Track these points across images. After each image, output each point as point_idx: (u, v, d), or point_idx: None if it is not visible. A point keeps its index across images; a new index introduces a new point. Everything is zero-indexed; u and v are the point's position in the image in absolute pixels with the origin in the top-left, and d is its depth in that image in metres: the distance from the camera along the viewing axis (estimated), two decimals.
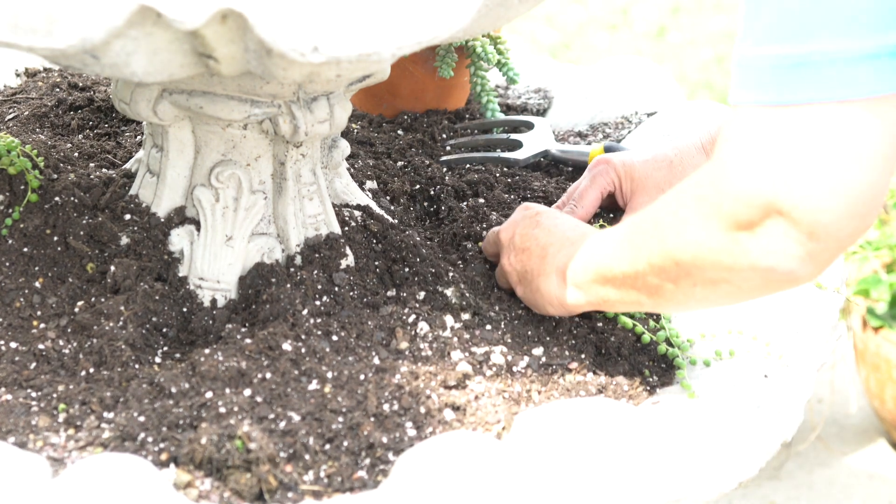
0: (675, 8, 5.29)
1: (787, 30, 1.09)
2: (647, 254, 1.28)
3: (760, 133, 1.12)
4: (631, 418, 1.24)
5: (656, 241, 1.26)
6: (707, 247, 1.19)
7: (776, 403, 1.37)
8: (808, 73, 1.08)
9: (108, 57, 1.22)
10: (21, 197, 1.58)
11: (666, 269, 1.26)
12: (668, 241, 1.24)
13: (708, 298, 1.27)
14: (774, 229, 1.13)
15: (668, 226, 1.24)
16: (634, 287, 1.32)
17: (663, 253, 1.25)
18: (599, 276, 1.37)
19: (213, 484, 1.23)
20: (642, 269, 1.29)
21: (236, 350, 1.39)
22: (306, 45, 1.17)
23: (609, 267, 1.35)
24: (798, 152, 1.10)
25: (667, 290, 1.28)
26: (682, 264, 1.23)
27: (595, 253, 1.38)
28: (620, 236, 1.34)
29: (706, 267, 1.21)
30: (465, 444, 1.17)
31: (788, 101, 1.10)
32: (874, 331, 2.69)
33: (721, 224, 1.17)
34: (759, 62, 1.12)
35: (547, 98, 2.20)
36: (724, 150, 1.16)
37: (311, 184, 1.55)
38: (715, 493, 1.28)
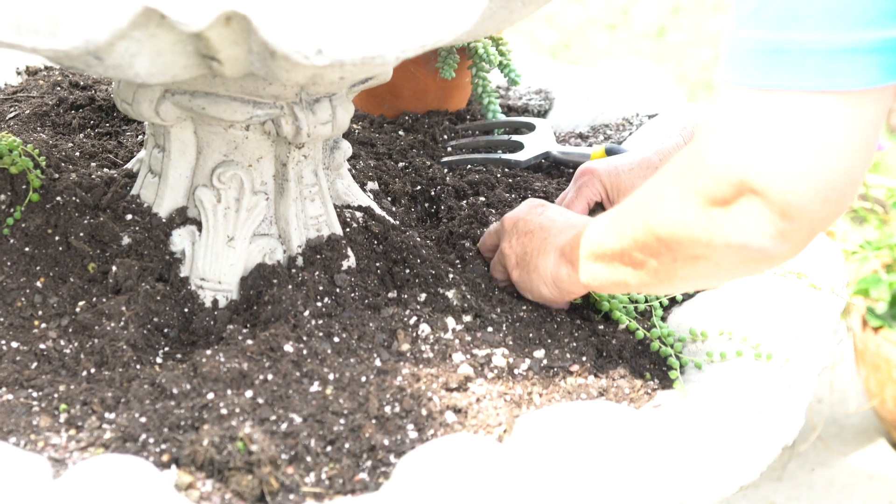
0: (675, 8, 5.29)
1: (770, 15, 1.11)
2: (631, 230, 1.31)
3: (738, 113, 1.15)
4: (632, 421, 1.24)
5: (640, 217, 1.29)
6: (683, 222, 1.22)
7: (777, 407, 1.37)
8: (788, 60, 1.11)
9: (111, 58, 1.22)
10: (22, 196, 1.58)
11: (648, 244, 1.29)
12: (649, 217, 1.27)
13: (690, 276, 1.30)
14: (747, 207, 1.16)
15: (650, 202, 1.27)
16: (622, 262, 1.35)
17: (646, 228, 1.28)
18: (590, 253, 1.40)
19: (215, 485, 1.23)
20: (628, 244, 1.32)
21: (238, 351, 1.39)
22: (310, 48, 1.17)
23: (599, 243, 1.38)
24: (773, 135, 1.12)
25: (650, 265, 1.31)
26: (662, 239, 1.26)
27: (589, 232, 1.41)
28: (612, 215, 1.38)
29: (684, 242, 1.24)
30: (467, 446, 1.17)
31: (767, 86, 1.12)
32: (874, 331, 2.69)
33: (697, 200, 1.20)
34: (743, 44, 1.14)
35: (548, 99, 2.20)
36: (704, 128, 1.19)
37: (312, 185, 1.55)
38: (716, 496, 1.28)
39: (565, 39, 4.89)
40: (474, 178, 1.86)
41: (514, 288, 1.57)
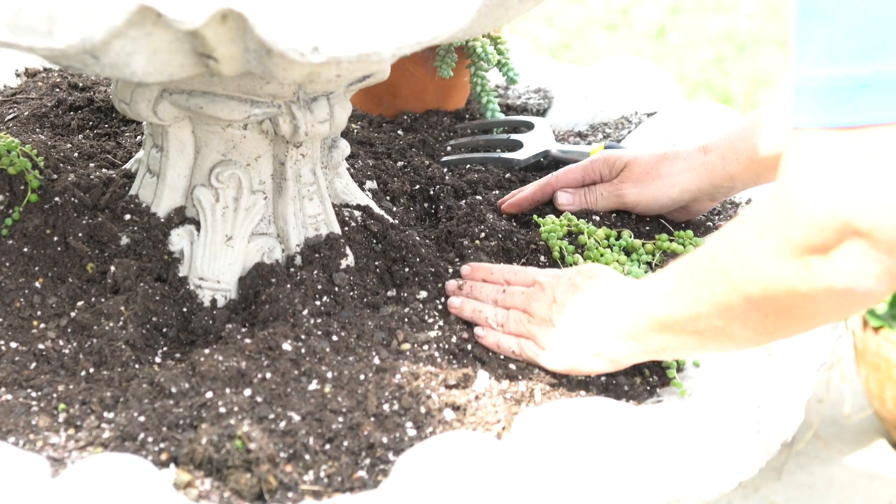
0: (675, 8, 5.29)
1: (850, 50, 1.06)
2: (709, 295, 1.23)
3: (829, 156, 1.09)
4: (631, 418, 1.24)
5: (718, 280, 1.21)
6: (779, 276, 1.15)
7: (776, 403, 1.37)
8: (874, 93, 1.06)
9: (108, 57, 1.22)
10: (21, 197, 1.58)
11: (733, 306, 1.21)
12: (733, 278, 1.19)
13: (780, 328, 1.22)
14: (852, 250, 1.10)
15: (730, 263, 1.20)
16: (696, 331, 1.27)
17: (729, 291, 1.20)
18: (656, 324, 1.31)
19: (213, 484, 1.23)
20: (705, 311, 1.24)
21: (236, 350, 1.39)
22: (306, 46, 1.17)
23: (667, 314, 1.29)
24: (873, 173, 1.07)
25: (734, 329, 1.24)
26: (751, 299, 1.19)
27: (649, 300, 1.32)
28: (674, 280, 1.30)
29: (779, 297, 1.17)
30: (465, 444, 1.17)
31: (855, 123, 1.07)
32: (874, 331, 2.69)
33: (791, 251, 1.13)
34: (819, 84, 1.08)
35: (547, 98, 2.20)
36: (788, 176, 1.12)
37: (311, 184, 1.55)
38: (715, 492, 1.28)
39: (565, 39, 4.90)
40: (473, 177, 1.86)
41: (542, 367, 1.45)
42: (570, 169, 1.76)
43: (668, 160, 1.69)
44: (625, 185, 1.71)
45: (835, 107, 1.08)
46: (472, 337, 1.48)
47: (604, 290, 1.40)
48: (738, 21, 5.19)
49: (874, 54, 1.05)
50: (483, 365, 1.44)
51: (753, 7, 5.35)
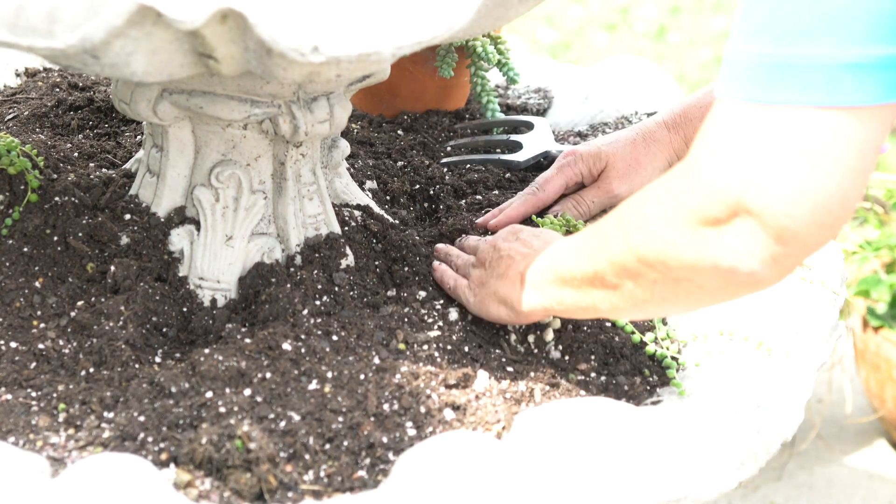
0: (675, 8, 5.29)
1: (775, 29, 1.08)
2: (608, 252, 1.25)
3: (737, 128, 1.10)
4: (631, 418, 1.24)
5: (619, 239, 1.23)
6: (672, 241, 1.16)
7: (776, 403, 1.37)
8: (790, 74, 1.07)
9: (108, 57, 1.22)
10: (21, 197, 1.58)
11: (627, 266, 1.23)
12: (632, 238, 1.21)
13: (667, 299, 1.23)
14: (741, 228, 1.11)
15: (632, 223, 1.21)
16: (592, 286, 1.29)
17: (627, 250, 1.22)
18: (557, 277, 1.34)
19: (213, 483, 1.23)
20: (602, 267, 1.26)
21: (236, 350, 1.39)
22: (306, 45, 1.17)
23: (568, 267, 1.32)
24: (774, 153, 1.08)
25: (626, 289, 1.25)
26: (644, 260, 1.20)
27: (555, 255, 1.36)
28: (582, 238, 1.33)
29: (670, 263, 1.18)
30: (465, 444, 1.17)
31: (767, 101, 1.08)
32: (874, 331, 2.69)
33: (688, 219, 1.14)
34: (745, 59, 1.10)
35: (547, 98, 2.20)
36: (699, 143, 1.14)
37: (311, 184, 1.55)
38: (715, 492, 1.28)
39: (565, 39, 4.90)
40: (473, 177, 1.86)
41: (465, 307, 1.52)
42: (549, 179, 1.75)
43: (642, 145, 1.71)
44: (613, 184, 1.73)
45: (754, 81, 1.09)
46: (472, 337, 1.48)
47: (538, 244, 1.45)
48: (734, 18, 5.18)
49: (796, 36, 1.06)
50: (483, 365, 1.44)
51: None
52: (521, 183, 1.89)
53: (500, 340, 1.49)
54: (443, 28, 1.21)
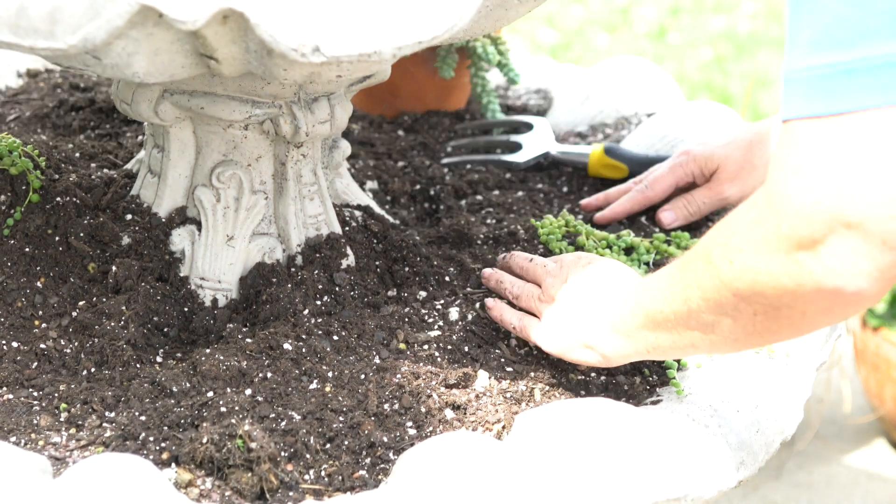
0: (675, 8, 5.30)
1: (833, 38, 1.04)
2: (700, 290, 1.19)
3: (817, 146, 1.05)
4: (631, 418, 1.24)
5: (709, 274, 1.17)
6: (766, 271, 1.10)
7: (776, 402, 1.37)
8: (861, 78, 1.03)
9: (109, 57, 1.22)
10: (23, 197, 1.58)
11: (722, 302, 1.17)
12: (723, 273, 1.15)
13: (769, 329, 1.16)
14: (841, 245, 1.05)
15: (720, 257, 1.16)
16: (688, 327, 1.23)
17: (719, 286, 1.16)
18: (649, 321, 1.28)
19: (215, 483, 1.23)
20: (695, 306, 1.21)
21: (237, 350, 1.40)
22: (307, 46, 1.17)
23: (659, 309, 1.26)
24: (863, 160, 1.03)
25: (724, 325, 1.19)
26: (739, 294, 1.14)
27: (643, 296, 1.30)
28: (668, 276, 1.26)
29: (767, 293, 1.12)
30: (465, 443, 1.17)
31: (842, 110, 1.04)
32: (873, 330, 2.69)
33: (780, 245, 1.09)
34: (806, 74, 1.06)
35: (547, 98, 2.20)
36: (777, 169, 1.09)
37: (311, 184, 1.55)
38: (715, 491, 1.28)
39: (565, 40, 4.90)
40: (473, 177, 1.87)
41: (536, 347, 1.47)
42: (660, 177, 1.73)
43: (757, 147, 1.67)
44: (723, 186, 1.70)
45: (820, 95, 1.05)
46: (472, 337, 1.48)
47: (609, 281, 1.39)
48: (737, 21, 5.19)
49: (858, 40, 1.03)
50: (483, 365, 1.44)
51: (753, 7, 5.36)
52: (521, 183, 1.89)
53: (499, 341, 1.49)
54: (443, 28, 1.21)
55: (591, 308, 1.37)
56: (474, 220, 1.72)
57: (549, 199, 1.85)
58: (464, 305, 1.54)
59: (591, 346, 1.36)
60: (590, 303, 1.38)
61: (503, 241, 1.67)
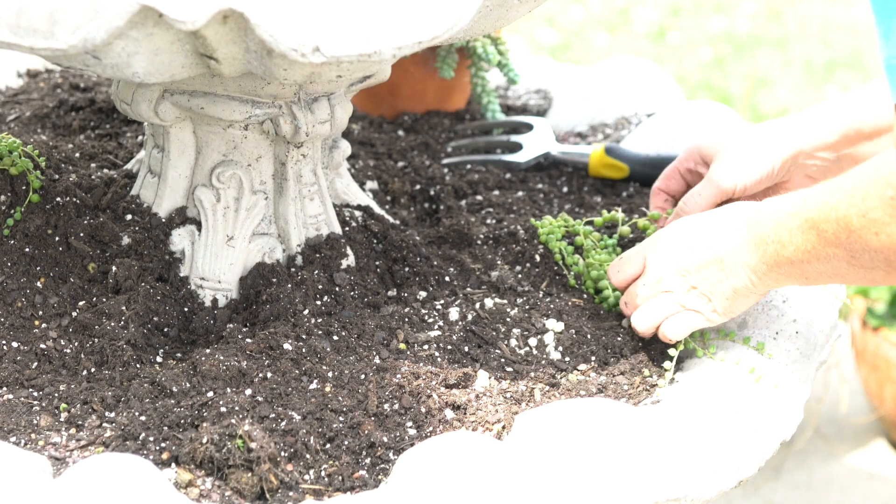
0: (675, 9, 5.30)
1: None
2: (846, 251, 1.27)
3: None
4: (630, 417, 1.24)
5: (853, 240, 1.26)
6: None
7: (775, 402, 1.37)
8: None
9: (109, 57, 1.22)
10: (23, 197, 1.58)
11: (875, 260, 1.25)
12: (869, 242, 1.24)
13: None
14: None
15: (862, 228, 1.24)
16: (837, 275, 1.32)
17: (867, 249, 1.25)
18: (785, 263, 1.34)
19: (214, 483, 1.23)
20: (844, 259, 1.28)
21: (237, 350, 1.40)
22: (307, 46, 1.17)
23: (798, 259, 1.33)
24: None
25: (877, 275, 1.28)
26: (889, 259, 1.24)
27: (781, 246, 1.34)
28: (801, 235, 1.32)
29: None
30: (465, 443, 1.17)
31: None
32: (873, 331, 2.69)
33: None
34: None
35: (547, 98, 2.20)
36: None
37: (311, 184, 1.55)
38: (714, 491, 1.28)
39: (565, 40, 4.90)
40: (474, 177, 1.87)
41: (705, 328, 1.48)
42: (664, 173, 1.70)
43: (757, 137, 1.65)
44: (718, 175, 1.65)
45: None
46: (472, 337, 1.48)
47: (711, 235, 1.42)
48: (737, 22, 5.19)
49: None
50: (483, 365, 1.44)
51: (753, 8, 5.36)
52: (521, 183, 1.89)
53: (499, 341, 1.49)
54: (443, 28, 1.21)
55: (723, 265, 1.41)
56: (474, 220, 1.72)
57: (549, 199, 1.85)
58: (464, 305, 1.54)
59: (748, 292, 1.41)
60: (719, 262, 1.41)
61: (503, 241, 1.67)
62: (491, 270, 1.62)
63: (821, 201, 1.30)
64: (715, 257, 1.42)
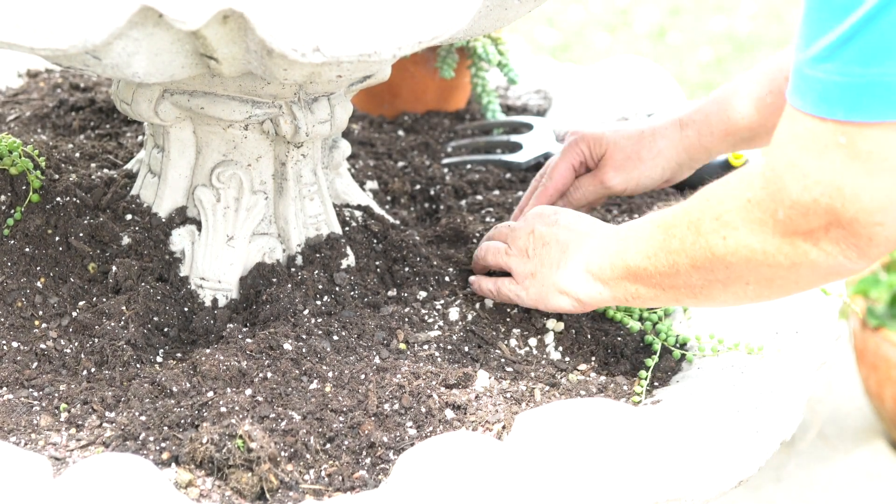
0: (675, 9, 5.30)
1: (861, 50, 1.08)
2: (688, 258, 1.27)
3: (821, 145, 1.12)
4: (630, 418, 1.24)
5: (698, 245, 1.26)
6: (762, 251, 1.20)
7: (775, 402, 1.37)
8: (879, 93, 1.08)
9: (109, 57, 1.22)
10: (23, 197, 1.58)
11: (715, 271, 1.26)
12: (715, 247, 1.24)
13: (761, 294, 1.27)
14: (836, 236, 1.15)
15: (711, 231, 1.24)
16: (674, 287, 1.32)
17: (710, 257, 1.25)
18: (630, 273, 1.36)
19: (215, 483, 1.23)
20: (684, 271, 1.29)
21: (237, 350, 1.40)
22: (307, 46, 1.17)
23: (642, 266, 1.34)
24: (858, 168, 1.10)
25: (714, 289, 1.28)
26: (732, 267, 1.24)
27: (622, 249, 1.37)
28: (650, 235, 1.34)
29: (762, 272, 1.22)
30: (466, 444, 1.17)
31: (859, 119, 1.10)
32: (873, 330, 2.69)
33: (776, 230, 1.18)
34: (826, 76, 1.11)
35: (547, 98, 2.20)
36: (780, 155, 1.16)
37: (311, 184, 1.55)
38: (715, 491, 1.28)
39: (565, 40, 4.90)
40: (474, 177, 1.87)
41: (516, 303, 1.51)
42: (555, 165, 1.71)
43: (648, 139, 1.68)
44: (608, 175, 1.69)
45: (840, 101, 1.10)
46: (472, 337, 1.48)
47: (582, 229, 1.44)
48: (738, 22, 5.19)
49: (884, 56, 1.07)
50: (483, 365, 1.44)
51: (753, 8, 5.36)
52: (521, 183, 1.89)
53: (499, 341, 1.49)
54: (443, 28, 1.21)
55: (565, 254, 1.43)
56: (472, 218, 1.72)
57: None
58: (464, 305, 1.54)
59: (566, 291, 1.43)
60: (563, 249, 1.44)
61: None
62: None
63: (678, 207, 1.30)
64: (565, 240, 1.44)
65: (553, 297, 1.45)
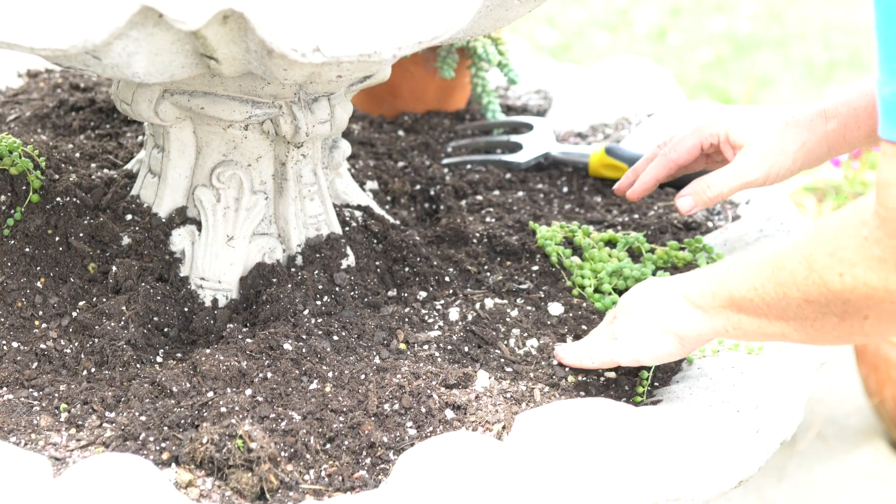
0: (675, 9, 5.30)
1: None
2: (800, 292, 1.22)
3: None
4: (630, 418, 1.24)
5: (812, 281, 1.20)
6: (884, 289, 1.15)
7: (776, 402, 1.37)
8: None
9: (109, 57, 1.22)
10: (23, 197, 1.58)
11: (830, 304, 1.20)
12: (830, 283, 1.18)
13: (878, 330, 1.21)
14: None
15: (826, 267, 1.18)
16: (782, 318, 1.25)
17: (825, 293, 1.19)
18: (733, 303, 1.29)
19: (215, 483, 1.23)
20: (795, 304, 1.23)
21: (237, 350, 1.40)
22: (307, 46, 1.17)
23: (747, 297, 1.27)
24: None
25: (828, 322, 1.22)
26: (850, 303, 1.18)
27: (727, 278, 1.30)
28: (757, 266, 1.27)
29: (883, 304, 1.17)
30: (466, 444, 1.17)
31: None
32: None
33: None
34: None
35: (547, 98, 2.20)
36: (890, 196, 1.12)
37: (311, 184, 1.55)
38: (715, 491, 1.28)
39: (566, 40, 4.90)
40: (474, 177, 1.87)
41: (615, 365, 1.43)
42: (682, 138, 1.64)
43: (791, 132, 1.59)
44: (749, 168, 1.59)
45: None
46: (472, 337, 1.48)
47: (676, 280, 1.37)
48: (738, 22, 5.19)
49: None
50: (483, 365, 1.44)
51: (753, 8, 5.36)
52: (521, 183, 1.89)
53: (499, 341, 1.49)
54: (443, 28, 1.21)
55: (664, 294, 1.36)
56: (472, 219, 1.72)
57: (549, 200, 1.85)
58: (464, 305, 1.54)
59: (666, 329, 1.35)
60: (662, 292, 1.36)
61: (499, 239, 1.67)
62: (488, 270, 1.62)
63: (790, 241, 1.25)
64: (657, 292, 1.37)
65: (652, 340, 1.37)
